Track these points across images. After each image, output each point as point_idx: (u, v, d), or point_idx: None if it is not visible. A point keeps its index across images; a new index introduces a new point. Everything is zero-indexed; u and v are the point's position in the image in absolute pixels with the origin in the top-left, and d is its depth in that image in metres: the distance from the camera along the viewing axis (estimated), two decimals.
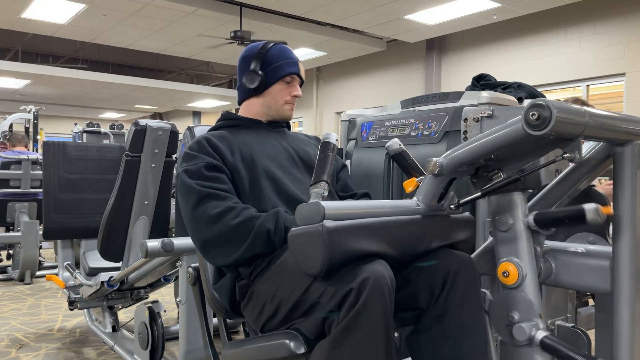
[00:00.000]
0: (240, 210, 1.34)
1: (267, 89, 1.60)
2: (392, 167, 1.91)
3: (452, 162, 1.15)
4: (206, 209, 1.35)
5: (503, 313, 1.18)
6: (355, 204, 1.17)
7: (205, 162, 1.42)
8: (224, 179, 1.42)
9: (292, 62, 1.61)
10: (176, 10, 7.72)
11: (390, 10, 7.45)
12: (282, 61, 1.59)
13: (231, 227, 1.32)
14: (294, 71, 1.60)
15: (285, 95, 1.61)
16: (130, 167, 2.47)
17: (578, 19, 7.28)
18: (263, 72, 1.58)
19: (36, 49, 11.69)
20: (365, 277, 1.05)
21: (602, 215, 1.09)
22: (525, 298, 1.16)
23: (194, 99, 14.12)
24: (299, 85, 1.66)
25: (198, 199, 1.37)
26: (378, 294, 1.05)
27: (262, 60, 1.59)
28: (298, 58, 1.65)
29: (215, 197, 1.36)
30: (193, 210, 1.37)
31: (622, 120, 1.12)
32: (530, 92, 1.96)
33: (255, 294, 1.34)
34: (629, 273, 1.13)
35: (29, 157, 4.53)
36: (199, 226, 1.37)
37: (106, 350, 2.77)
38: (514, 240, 1.21)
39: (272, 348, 1.25)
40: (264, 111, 1.62)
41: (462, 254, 1.26)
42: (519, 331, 1.14)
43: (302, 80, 1.66)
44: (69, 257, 3.11)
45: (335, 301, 1.09)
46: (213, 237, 1.34)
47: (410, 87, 9.44)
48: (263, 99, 1.61)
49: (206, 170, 1.41)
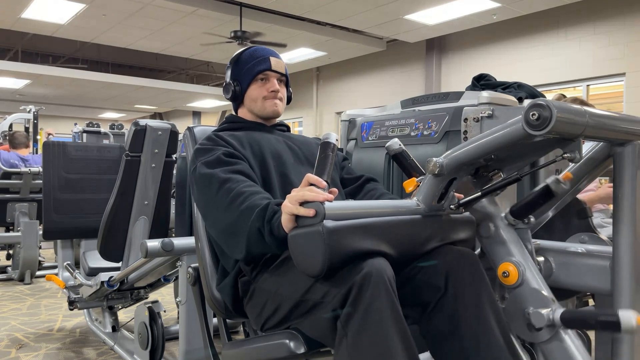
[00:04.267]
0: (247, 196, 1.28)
1: (245, 94, 1.61)
2: (392, 167, 1.91)
3: (452, 162, 1.15)
4: (226, 191, 1.30)
5: (518, 313, 1.17)
6: (355, 203, 1.17)
7: (222, 151, 1.42)
8: (244, 163, 1.41)
9: (261, 59, 1.59)
10: (176, 10, 7.72)
11: (390, 10, 7.45)
12: (251, 62, 1.59)
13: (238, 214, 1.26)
14: (263, 68, 1.58)
15: (262, 92, 1.59)
16: (130, 167, 2.46)
17: (578, 19, 7.28)
18: (237, 79, 1.60)
19: (36, 49, 11.69)
20: (367, 271, 1.04)
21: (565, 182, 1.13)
22: (533, 289, 1.16)
23: (194, 99, 14.12)
24: (284, 81, 1.64)
25: (220, 181, 1.32)
26: (382, 285, 1.04)
27: (233, 69, 1.60)
28: (275, 53, 1.62)
29: (236, 180, 1.32)
30: (216, 195, 1.32)
31: (622, 120, 1.12)
32: (530, 92, 1.96)
33: (257, 291, 1.33)
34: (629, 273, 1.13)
35: (30, 171, 4.51)
36: (219, 211, 1.32)
37: (106, 350, 2.77)
38: (502, 242, 1.23)
39: (272, 348, 1.25)
40: (253, 115, 1.62)
41: (464, 249, 1.24)
42: (537, 317, 1.12)
43: (282, 75, 1.62)
44: (69, 257, 3.11)
45: (339, 300, 1.07)
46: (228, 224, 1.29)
47: (410, 87, 9.44)
48: (246, 105, 1.62)
49: (225, 157, 1.40)
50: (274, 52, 1.63)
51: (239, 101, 1.63)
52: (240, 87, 1.60)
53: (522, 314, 1.16)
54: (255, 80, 1.59)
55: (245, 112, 1.64)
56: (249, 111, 1.63)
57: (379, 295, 1.03)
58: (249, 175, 1.39)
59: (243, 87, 1.60)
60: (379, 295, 1.03)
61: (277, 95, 1.60)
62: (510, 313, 1.18)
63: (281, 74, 1.62)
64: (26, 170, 4.48)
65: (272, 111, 1.61)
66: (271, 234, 1.19)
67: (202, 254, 1.54)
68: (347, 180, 1.64)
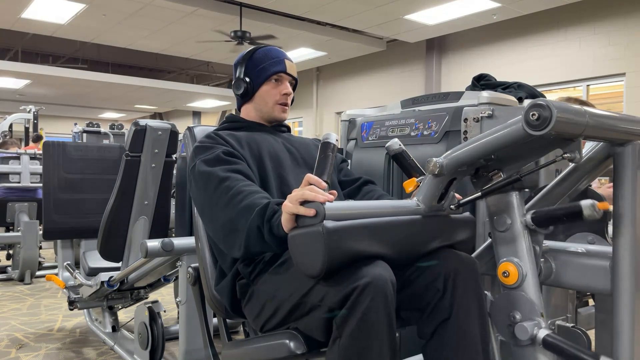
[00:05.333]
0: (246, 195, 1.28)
1: (256, 93, 1.60)
2: (392, 167, 1.91)
3: (452, 162, 1.15)
4: (225, 189, 1.31)
5: (504, 313, 1.19)
6: (355, 204, 1.17)
7: (222, 150, 1.42)
8: (242, 163, 1.42)
9: (277, 61, 1.59)
10: (176, 10, 7.72)
11: (390, 10, 7.45)
12: (266, 62, 1.58)
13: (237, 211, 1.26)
14: (279, 69, 1.58)
15: (274, 95, 1.59)
16: (130, 167, 2.46)
17: (578, 19, 7.28)
18: (249, 76, 1.59)
19: (36, 49, 11.69)
20: (367, 281, 1.05)
21: (599, 210, 1.08)
22: (526, 297, 1.17)
23: (194, 99, 14.12)
24: (293, 85, 1.64)
25: (219, 180, 1.33)
26: (381, 297, 1.05)
27: (247, 66, 1.60)
28: (288, 56, 1.63)
29: (235, 179, 1.33)
30: (214, 193, 1.33)
31: (622, 120, 1.12)
32: (530, 92, 1.96)
33: (255, 293, 1.34)
34: (629, 273, 1.13)
35: (26, 151, 4.55)
36: (217, 208, 1.32)
37: (106, 350, 2.77)
38: (512, 240, 1.21)
39: (272, 348, 1.25)
40: (259, 115, 1.62)
41: (464, 254, 1.26)
42: (521, 330, 1.14)
43: (293, 79, 1.63)
44: (69, 257, 3.11)
45: (337, 301, 1.08)
46: (226, 221, 1.29)
47: (410, 87, 9.44)
48: (254, 103, 1.62)
49: (225, 155, 1.40)
50: (286, 54, 1.64)
51: (248, 98, 1.62)
52: (252, 84, 1.59)
53: (508, 315, 1.18)
54: (269, 80, 1.59)
55: (250, 109, 1.63)
56: (255, 109, 1.62)
57: (378, 308, 1.04)
58: (248, 175, 1.39)
59: (255, 85, 1.59)
60: (377, 307, 1.04)
61: (287, 99, 1.61)
62: (498, 309, 1.20)
63: (293, 77, 1.63)
64: (22, 151, 4.53)
65: (280, 118, 1.62)
66: (271, 232, 1.19)
67: (202, 254, 1.54)
68: (345, 182, 1.64)
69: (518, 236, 1.21)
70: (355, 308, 1.05)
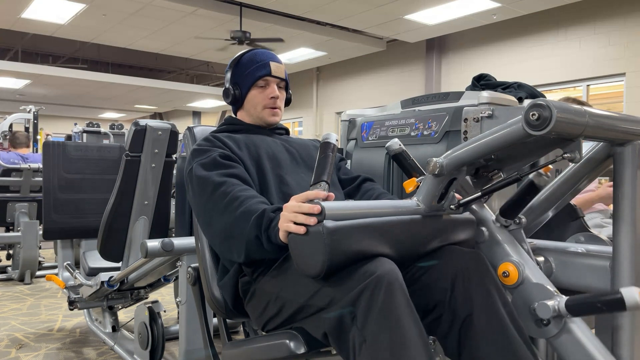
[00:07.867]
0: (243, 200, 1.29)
1: (245, 99, 1.60)
2: (392, 167, 1.91)
3: (452, 162, 1.15)
4: (221, 194, 1.31)
5: (524, 312, 1.16)
6: (355, 204, 1.17)
7: (218, 153, 1.42)
8: (239, 167, 1.42)
9: (262, 64, 1.58)
10: (176, 10, 7.72)
11: (390, 10, 7.45)
12: (251, 67, 1.58)
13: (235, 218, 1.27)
14: (264, 73, 1.57)
15: (262, 99, 1.58)
16: (130, 167, 2.46)
17: (578, 19, 7.28)
18: (237, 83, 1.59)
19: (36, 49, 11.69)
20: (379, 274, 1.03)
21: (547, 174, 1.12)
22: (536, 284, 1.15)
23: (194, 99, 14.12)
24: (284, 85, 1.63)
25: (215, 185, 1.33)
26: (396, 284, 1.03)
27: (234, 72, 1.60)
28: (275, 58, 1.61)
29: (231, 184, 1.33)
30: (211, 195, 1.33)
31: (622, 120, 1.12)
32: (530, 92, 1.96)
33: (258, 292, 1.33)
34: (629, 273, 1.13)
35: (30, 167, 4.50)
36: (214, 214, 1.33)
37: (106, 350, 2.77)
38: (497, 245, 1.23)
39: (272, 348, 1.25)
40: (252, 120, 1.62)
41: (467, 249, 1.24)
42: (543, 309, 1.11)
43: (282, 80, 1.61)
44: (69, 257, 3.11)
45: (348, 303, 1.05)
46: (223, 228, 1.30)
47: (410, 87, 9.44)
48: (245, 110, 1.62)
49: (221, 159, 1.40)
50: (274, 56, 1.63)
51: (238, 105, 1.63)
52: (240, 91, 1.60)
53: (527, 311, 1.15)
54: (255, 85, 1.58)
55: (245, 115, 1.64)
56: (247, 115, 1.63)
57: (394, 295, 1.02)
58: (245, 179, 1.39)
59: (243, 92, 1.60)
60: (393, 295, 1.02)
61: (276, 103, 1.60)
62: (517, 311, 1.17)
63: (281, 79, 1.61)
64: (26, 166, 4.49)
65: (270, 121, 1.62)
66: (269, 241, 1.21)
67: (202, 254, 1.54)
68: (344, 181, 1.64)
69: (500, 238, 1.24)
70: (371, 305, 1.02)
